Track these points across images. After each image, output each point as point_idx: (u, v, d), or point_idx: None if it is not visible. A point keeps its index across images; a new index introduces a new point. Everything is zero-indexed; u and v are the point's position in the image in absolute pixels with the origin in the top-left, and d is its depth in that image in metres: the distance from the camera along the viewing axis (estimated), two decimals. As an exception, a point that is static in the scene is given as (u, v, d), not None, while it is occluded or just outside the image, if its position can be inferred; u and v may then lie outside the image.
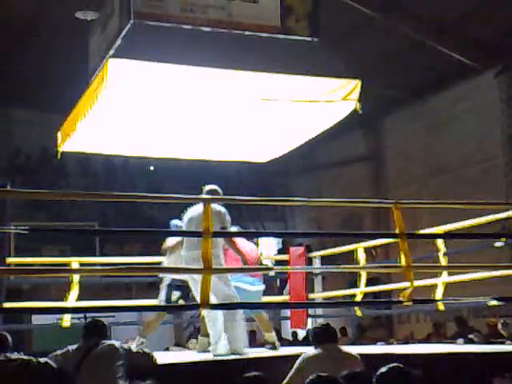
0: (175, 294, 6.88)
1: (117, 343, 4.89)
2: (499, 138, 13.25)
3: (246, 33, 6.71)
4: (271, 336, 7.01)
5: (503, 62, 13.03)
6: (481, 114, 13.27)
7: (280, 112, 7.04)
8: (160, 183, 15.37)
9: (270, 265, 8.62)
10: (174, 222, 7.08)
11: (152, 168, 16.95)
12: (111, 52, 6.15)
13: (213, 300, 5.52)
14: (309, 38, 6.96)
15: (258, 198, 7.24)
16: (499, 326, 8.99)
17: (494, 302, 6.36)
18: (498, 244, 7.67)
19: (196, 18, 6.37)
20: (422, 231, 7.64)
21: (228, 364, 5.73)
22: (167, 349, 9.85)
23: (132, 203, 13.58)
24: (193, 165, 11.40)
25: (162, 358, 5.47)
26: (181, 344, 10.38)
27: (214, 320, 6.20)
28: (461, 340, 8.97)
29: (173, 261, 6.79)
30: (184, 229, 6.25)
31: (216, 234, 5.76)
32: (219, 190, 6.39)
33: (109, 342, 4.90)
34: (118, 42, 6.23)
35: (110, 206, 14.42)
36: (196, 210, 6.03)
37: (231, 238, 6.26)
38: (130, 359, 4.77)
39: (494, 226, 7.67)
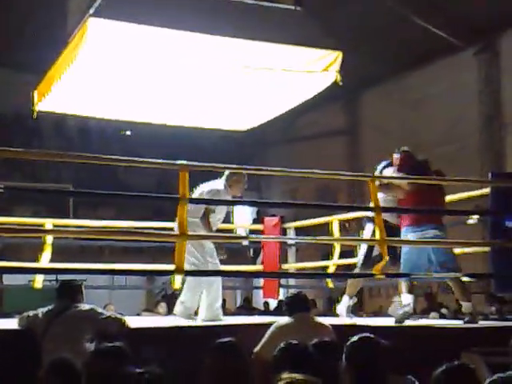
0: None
1: (88, 306, 4.84)
2: (476, 117, 13.33)
3: (230, -1, 6.63)
4: (469, 306, 6.35)
5: (483, 40, 13.07)
6: (458, 92, 13.31)
7: (260, 81, 6.98)
8: (135, 149, 15.20)
9: (244, 234, 8.62)
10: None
11: (128, 133, 16.80)
12: (91, 11, 6.01)
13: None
14: (292, 7, 6.91)
15: (234, 167, 7.21)
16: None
17: (466, 279, 6.43)
18: (470, 221, 7.74)
19: (179, -20, 6.29)
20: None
21: (201, 329, 5.74)
22: (138, 314, 9.86)
23: (107, 168, 13.45)
24: (169, 133, 11.31)
25: (134, 322, 5.46)
26: (150, 309, 10.39)
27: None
28: (435, 314, 9.09)
29: None
30: None
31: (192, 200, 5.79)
32: None
33: (80, 305, 4.84)
34: (98, 1, 6.10)
35: (85, 170, 14.27)
36: None
37: None
38: (102, 323, 4.74)
39: (467, 203, 7.73)
